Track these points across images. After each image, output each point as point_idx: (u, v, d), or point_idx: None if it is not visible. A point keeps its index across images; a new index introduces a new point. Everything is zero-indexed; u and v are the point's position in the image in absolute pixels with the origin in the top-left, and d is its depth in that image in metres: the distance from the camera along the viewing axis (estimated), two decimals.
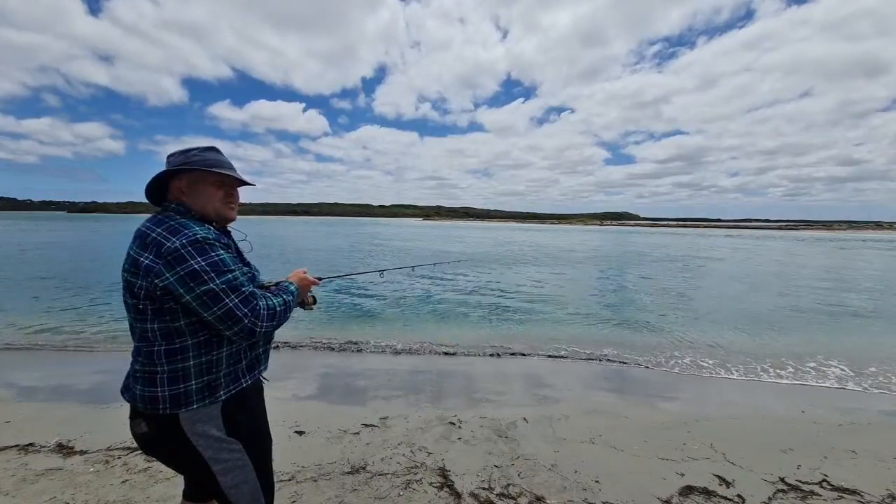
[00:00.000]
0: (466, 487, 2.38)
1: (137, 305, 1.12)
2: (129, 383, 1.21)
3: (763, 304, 9.33)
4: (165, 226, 1.13)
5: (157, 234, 1.11)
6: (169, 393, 1.14)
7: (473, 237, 43.26)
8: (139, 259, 1.10)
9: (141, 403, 1.16)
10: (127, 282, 1.13)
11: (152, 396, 1.14)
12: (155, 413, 1.15)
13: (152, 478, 2.38)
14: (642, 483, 2.48)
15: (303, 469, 2.51)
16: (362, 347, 5.56)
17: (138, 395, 1.16)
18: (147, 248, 1.10)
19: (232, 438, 1.22)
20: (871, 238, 61.69)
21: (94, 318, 6.89)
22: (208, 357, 1.17)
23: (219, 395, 1.20)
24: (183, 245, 1.08)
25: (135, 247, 1.13)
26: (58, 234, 32.33)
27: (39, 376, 4.30)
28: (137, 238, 1.14)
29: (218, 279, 1.10)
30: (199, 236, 1.11)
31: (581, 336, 6.37)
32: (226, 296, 1.10)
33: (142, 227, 1.17)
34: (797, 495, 2.39)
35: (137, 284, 1.09)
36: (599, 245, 33.56)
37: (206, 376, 1.17)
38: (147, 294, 1.09)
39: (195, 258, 1.08)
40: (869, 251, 30.28)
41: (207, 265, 1.09)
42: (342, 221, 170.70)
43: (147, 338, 1.13)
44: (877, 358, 5.47)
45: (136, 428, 1.21)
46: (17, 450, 2.70)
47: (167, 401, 1.14)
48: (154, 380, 1.14)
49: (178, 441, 1.17)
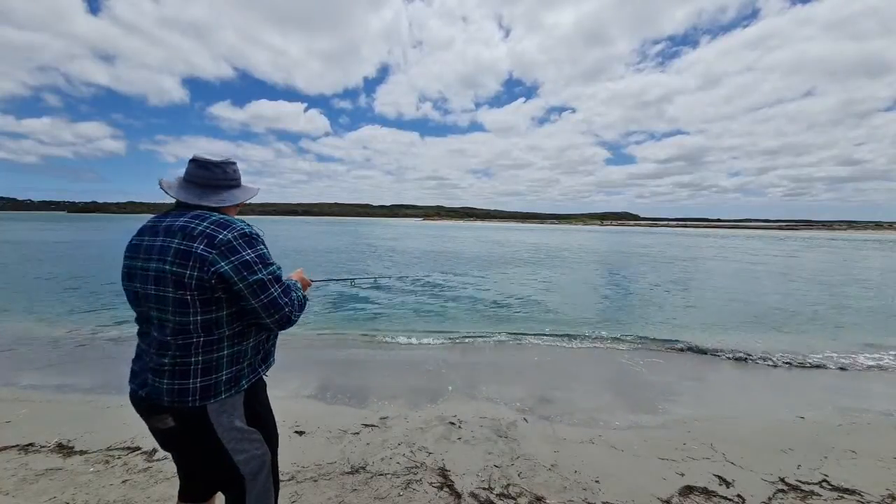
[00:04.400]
0: (466, 487, 2.38)
1: (183, 297, 1.13)
2: (149, 379, 1.18)
3: (763, 304, 9.32)
4: (211, 220, 1.18)
5: (205, 227, 1.16)
6: (200, 384, 1.17)
7: (464, 237, 43.24)
8: (189, 250, 1.13)
9: (168, 397, 1.16)
10: (173, 273, 1.12)
11: (182, 389, 1.16)
12: (184, 406, 1.17)
13: (152, 478, 2.38)
14: (642, 483, 2.48)
15: (303, 469, 2.51)
16: (362, 347, 5.56)
17: (165, 389, 1.16)
18: (196, 240, 1.14)
19: (252, 428, 1.29)
20: (872, 238, 61.68)
21: (93, 317, 6.90)
22: (238, 347, 1.23)
23: (242, 385, 1.25)
24: (235, 237, 1.16)
25: (177, 240, 1.14)
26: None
27: (40, 376, 4.31)
28: (178, 231, 1.15)
29: (265, 270, 1.19)
30: (246, 230, 1.20)
31: (581, 336, 6.36)
32: (271, 286, 1.20)
33: (179, 222, 1.18)
34: (797, 495, 2.39)
35: (188, 275, 1.12)
36: (598, 245, 33.57)
37: (234, 366, 1.23)
38: (199, 283, 1.12)
39: (246, 249, 1.17)
40: (868, 251, 30.27)
41: (256, 257, 1.18)
42: (341, 222, 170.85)
43: (186, 330, 1.15)
44: (876, 357, 5.48)
45: (160, 423, 1.20)
46: (17, 450, 2.70)
47: (197, 392, 1.17)
48: (187, 372, 1.16)
49: (203, 433, 1.20)
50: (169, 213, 1.24)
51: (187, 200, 1.25)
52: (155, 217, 1.26)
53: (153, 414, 1.20)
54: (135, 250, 1.20)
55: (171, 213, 1.24)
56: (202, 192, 1.28)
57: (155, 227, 1.20)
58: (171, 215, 1.22)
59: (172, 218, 1.21)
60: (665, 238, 50.44)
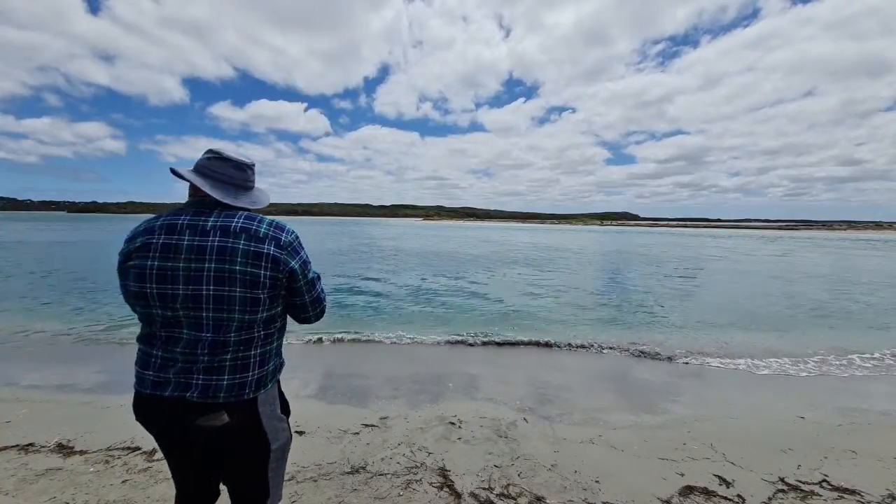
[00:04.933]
0: (466, 487, 2.38)
1: (256, 296, 1.16)
2: (198, 380, 1.14)
3: (763, 304, 9.33)
4: (267, 223, 1.23)
5: (266, 230, 1.20)
6: (257, 376, 1.22)
7: (464, 237, 43.24)
8: (261, 251, 1.17)
9: (226, 393, 1.16)
10: (247, 274, 1.14)
11: (241, 382, 1.19)
12: (240, 399, 1.19)
13: (152, 478, 2.38)
14: (642, 483, 2.48)
15: (303, 469, 2.51)
16: (362, 347, 5.56)
17: (225, 385, 1.15)
18: (264, 242, 1.18)
19: (283, 415, 1.37)
20: (873, 238, 61.67)
21: (94, 316, 6.90)
22: (280, 339, 1.33)
23: (278, 375, 1.33)
24: (294, 239, 1.26)
25: (243, 241, 1.15)
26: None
27: (40, 376, 4.31)
28: (241, 233, 1.16)
29: (313, 269, 1.34)
30: (296, 233, 1.29)
31: (581, 336, 6.37)
32: (317, 283, 1.36)
33: (234, 223, 1.17)
34: (797, 495, 2.39)
35: (262, 275, 1.16)
36: (598, 245, 33.57)
37: (277, 358, 1.31)
38: (272, 282, 1.19)
39: (302, 250, 1.29)
40: (868, 251, 30.28)
41: (307, 257, 1.31)
42: (341, 222, 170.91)
43: (250, 326, 1.19)
44: (876, 357, 5.48)
45: (213, 422, 1.17)
46: (17, 450, 2.70)
47: (253, 384, 1.21)
48: (247, 365, 1.20)
49: (253, 424, 1.24)
50: (200, 213, 1.18)
51: (225, 200, 1.21)
52: (177, 216, 1.17)
53: (197, 413, 1.16)
54: (170, 250, 1.12)
55: (200, 211, 1.18)
56: (237, 192, 1.27)
57: (196, 226, 1.14)
58: (205, 214, 1.17)
59: (216, 217, 1.17)
60: (665, 238, 50.45)
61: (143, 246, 1.14)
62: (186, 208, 1.20)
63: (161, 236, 1.14)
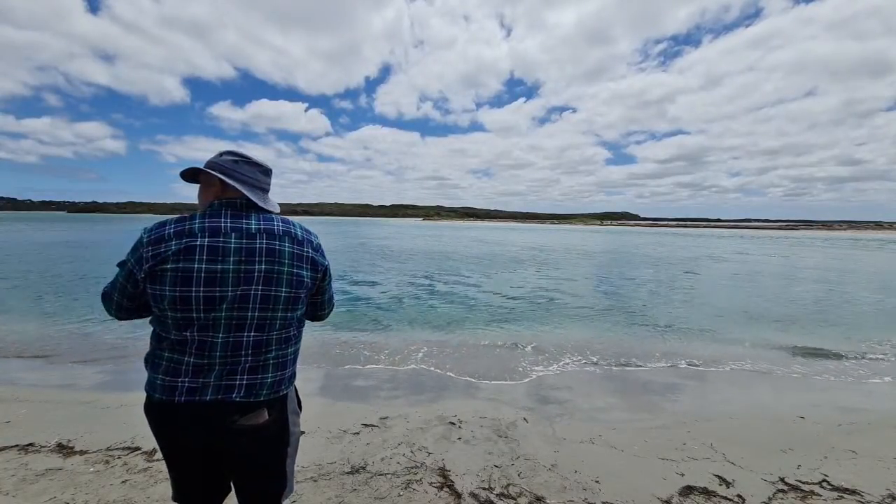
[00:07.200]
0: (466, 487, 2.38)
1: (298, 295, 1.24)
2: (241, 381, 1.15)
3: (763, 303, 9.33)
4: (300, 226, 1.30)
5: (301, 232, 1.28)
6: (290, 372, 1.29)
7: (464, 237, 43.24)
8: (302, 253, 1.25)
9: (268, 390, 1.21)
10: (294, 275, 1.21)
11: (280, 379, 1.24)
12: (277, 395, 1.24)
13: (152, 478, 2.38)
14: (642, 483, 2.48)
15: (303, 469, 2.51)
16: (362, 347, 5.56)
17: (269, 383, 1.20)
18: (303, 244, 1.26)
19: (298, 409, 1.45)
20: (873, 238, 61.69)
21: (94, 316, 6.90)
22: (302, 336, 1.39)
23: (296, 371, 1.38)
24: (319, 242, 1.34)
25: (287, 243, 1.21)
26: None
27: (40, 376, 4.30)
28: (284, 235, 1.22)
29: None
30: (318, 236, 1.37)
31: (581, 336, 6.37)
32: (331, 282, 1.47)
33: (275, 226, 1.21)
34: (797, 495, 2.39)
35: (306, 275, 1.25)
36: (598, 245, 33.57)
37: (298, 354, 1.37)
38: (312, 282, 1.28)
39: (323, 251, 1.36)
40: (867, 251, 30.28)
41: None
42: (341, 222, 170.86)
43: (290, 324, 1.25)
44: (876, 356, 5.48)
45: (255, 420, 1.18)
46: (17, 450, 2.70)
47: (286, 381, 1.27)
48: (286, 362, 1.26)
49: (282, 420, 1.28)
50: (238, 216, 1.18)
51: (257, 202, 1.22)
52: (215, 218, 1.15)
53: (235, 413, 1.16)
54: (217, 252, 1.11)
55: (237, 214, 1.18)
56: (264, 195, 1.29)
57: (240, 229, 1.15)
58: (244, 217, 1.18)
59: (256, 221, 1.19)
60: (665, 238, 50.44)
61: (187, 249, 1.09)
62: (219, 210, 1.18)
63: (206, 238, 1.11)
